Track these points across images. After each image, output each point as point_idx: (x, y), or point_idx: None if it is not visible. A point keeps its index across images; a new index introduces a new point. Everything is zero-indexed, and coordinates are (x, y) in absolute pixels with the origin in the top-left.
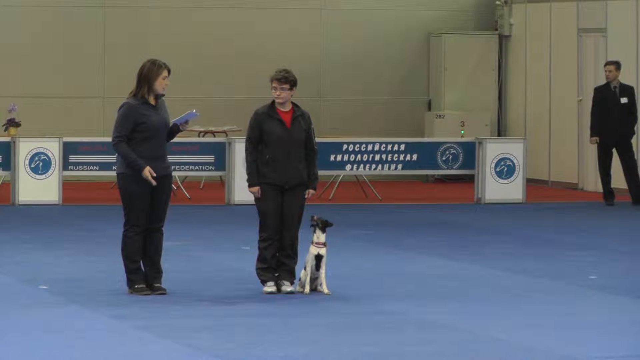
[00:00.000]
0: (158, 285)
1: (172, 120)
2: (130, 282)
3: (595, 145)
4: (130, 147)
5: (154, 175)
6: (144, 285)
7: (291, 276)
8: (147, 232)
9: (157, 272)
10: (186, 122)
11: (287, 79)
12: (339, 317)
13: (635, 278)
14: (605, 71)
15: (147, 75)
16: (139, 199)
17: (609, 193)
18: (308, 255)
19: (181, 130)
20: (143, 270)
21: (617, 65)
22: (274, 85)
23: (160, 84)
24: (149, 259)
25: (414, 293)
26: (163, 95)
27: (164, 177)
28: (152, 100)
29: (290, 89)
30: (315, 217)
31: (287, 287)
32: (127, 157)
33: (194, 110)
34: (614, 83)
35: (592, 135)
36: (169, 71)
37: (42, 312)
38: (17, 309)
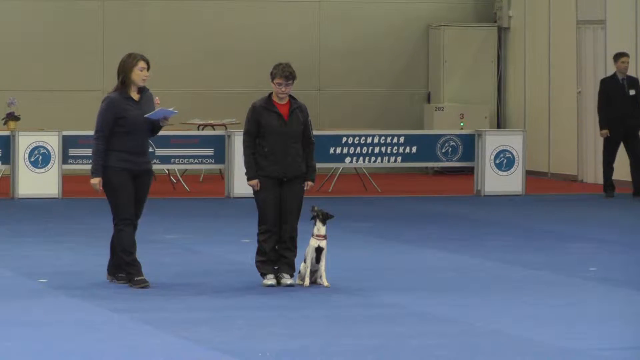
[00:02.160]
0: (122, 275)
1: (145, 115)
2: (129, 275)
3: (604, 137)
4: (112, 140)
5: (99, 188)
6: (143, 277)
7: (291, 269)
8: None
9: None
10: (165, 118)
11: (292, 76)
12: (338, 310)
13: (635, 270)
14: (624, 62)
15: (124, 67)
16: (123, 190)
17: (610, 185)
18: (308, 247)
19: (162, 126)
20: (139, 262)
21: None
22: (279, 81)
23: (137, 75)
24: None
25: (414, 285)
26: (148, 90)
27: (144, 172)
28: (134, 95)
29: (293, 83)
30: (315, 208)
31: (286, 279)
32: (95, 155)
33: (172, 108)
34: (622, 75)
35: (601, 128)
36: (147, 62)
37: (41, 305)
38: (17, 302)
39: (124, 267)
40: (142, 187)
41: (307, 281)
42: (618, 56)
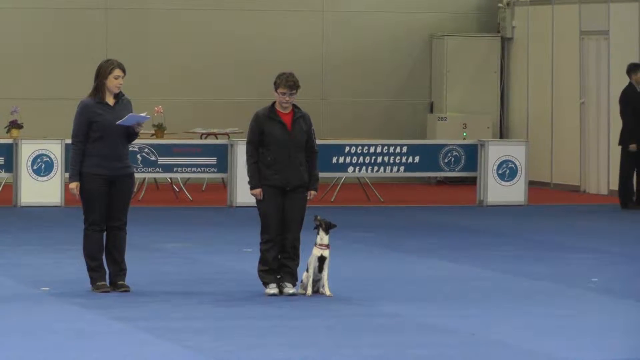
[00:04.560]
0: (121, 282)
1: (117, 122)
2: (92, 280)
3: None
4: (87, 146)
5: (76, 193)
6: (105, 283)
7: (293, 278)
8: (108, 230)
9: (120, 270)
10: (138, 124)
11: (296, 85)
12: (340, 319)
13: (636, 281)
14: None
15: (98, 73)
16: (95, 197)
17: (630, 195)
18: (311, 257)
19: (136, 132)
20: (105, 268)
21: None
22: (282, 91)
23: (112, 83)
24: (110, 257)
25: (415, 295)
26: (124, 95)
27: (122, 177)
28: (109, 100)
29: (296, 93)
30: (318, 218)
31: (289, 289)
32: (72, 160)
33: (144, 113)
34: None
35: (633, 141)
36: (123, 70)
37: (43, 314)
38: (19, 310)
39: (87, 271)
40: (121, 192)
41: (309, 290)
42: (637, 68)
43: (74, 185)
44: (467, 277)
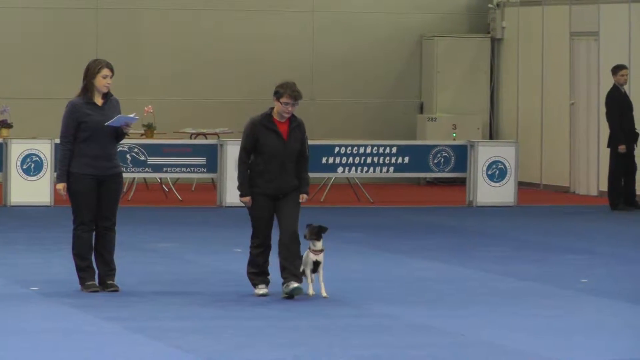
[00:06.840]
0: (111, 282)
1: (106, 123)
2: (81, 280)
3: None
4: (76, 146)
5: (63, 194)
6: (94, 282)
7: (297, 278)
8: (97, 230)
9: (110, 270)
10: (126, 124)
11: (300, 96)
12: (329, 320)
13: (626, 282)
14: (624, 75)
15: (87, 73)
16: (84, 197)
17: (619, 196)
18: (307, 257)
19: (125, 133)
20: (94, 268)
21: None
22: (286, 101)
23: (100, 82)
24: (100, 257)
25: (405, 296)
26: (112, 95)
27: (110, 177)
28: (97, 100)
29: (298, 104)
30: (306, 235)
31: (294, 284)
32: (60, 160)
33: (133, 114)
34: (622, 88)
35: (621, 142)
36: (111, 70)
37: (32, 313)
38: (8, 310)
39: (77, 271)
40: (110, 192)
41: (310, 290)
42: (617, 69)
43: (61, 186)
44: (457, 277)
